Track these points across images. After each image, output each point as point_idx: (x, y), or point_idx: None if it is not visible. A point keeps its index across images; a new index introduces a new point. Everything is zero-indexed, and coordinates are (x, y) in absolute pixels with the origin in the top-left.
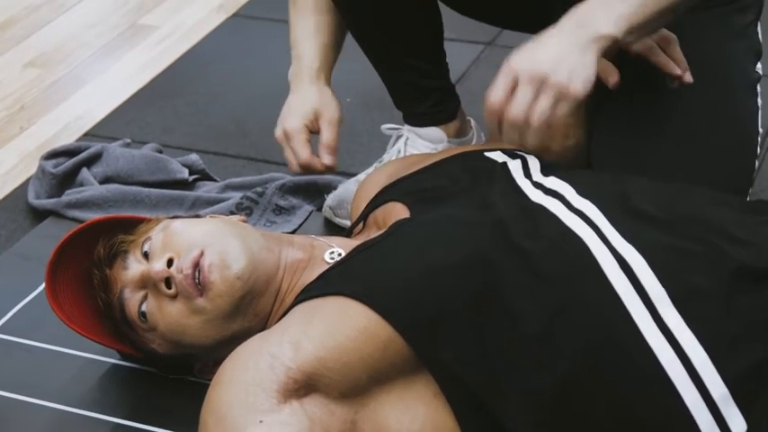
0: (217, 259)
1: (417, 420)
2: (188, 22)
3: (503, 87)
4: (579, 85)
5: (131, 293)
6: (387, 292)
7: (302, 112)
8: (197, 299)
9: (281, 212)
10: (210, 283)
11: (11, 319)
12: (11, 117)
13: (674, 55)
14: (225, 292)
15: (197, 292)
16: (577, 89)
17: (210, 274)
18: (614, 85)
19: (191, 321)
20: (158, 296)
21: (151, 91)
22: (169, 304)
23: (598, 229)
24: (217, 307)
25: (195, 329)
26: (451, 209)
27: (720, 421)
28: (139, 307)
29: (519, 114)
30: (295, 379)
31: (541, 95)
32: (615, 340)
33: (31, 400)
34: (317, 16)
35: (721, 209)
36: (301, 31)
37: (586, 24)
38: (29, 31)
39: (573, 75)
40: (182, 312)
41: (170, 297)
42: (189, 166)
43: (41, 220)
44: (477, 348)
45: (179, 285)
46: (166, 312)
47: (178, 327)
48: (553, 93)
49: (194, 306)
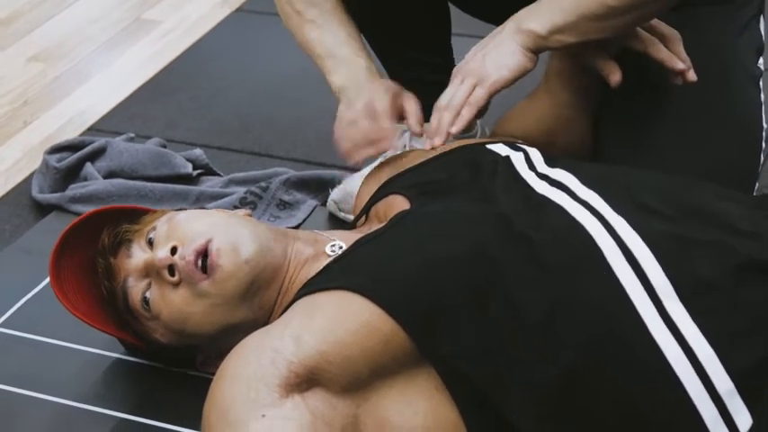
0: (226, 245)
1: (419, 414)
2: (191, 16)
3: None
4: (494, 70)
5: (135, 282)
6: (388, 285)
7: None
8: (201, 282)
9: (285, 207)
10: (218, 266)
11: (15, 314)
12: (14, 112)
13: (677, 52)
14: (232, 275)
15: (200, 276)
16: (491, 75)
17: (219, 258)
18: (616, 83)
19: (194, 308)
20: (162, 284)
21: (155, 86)
22: (172, 292)
23: (604, 220)
24: (222, 290)
25: (198, 316)
26: (453, 202)
27: (726, 416)
28: (143, 295)
29: (443, 102)
30: (297, 373)
31: (463, 84)
32: (619, 333)
33: (34, 395)
34: (345, 27)
35: (727, 202)
36: (333, 40)
37: (514, 20)
38: (32, 26)
39: (490, 63)
40: (185, 299)
41: (173, 285)
42: (193, 161)
43: (45, 215)
44: (480, 341)
45: (182, 271)
46: (169, 300)
47: (181, 315)
48: (472, 80)
49: (198, 290)
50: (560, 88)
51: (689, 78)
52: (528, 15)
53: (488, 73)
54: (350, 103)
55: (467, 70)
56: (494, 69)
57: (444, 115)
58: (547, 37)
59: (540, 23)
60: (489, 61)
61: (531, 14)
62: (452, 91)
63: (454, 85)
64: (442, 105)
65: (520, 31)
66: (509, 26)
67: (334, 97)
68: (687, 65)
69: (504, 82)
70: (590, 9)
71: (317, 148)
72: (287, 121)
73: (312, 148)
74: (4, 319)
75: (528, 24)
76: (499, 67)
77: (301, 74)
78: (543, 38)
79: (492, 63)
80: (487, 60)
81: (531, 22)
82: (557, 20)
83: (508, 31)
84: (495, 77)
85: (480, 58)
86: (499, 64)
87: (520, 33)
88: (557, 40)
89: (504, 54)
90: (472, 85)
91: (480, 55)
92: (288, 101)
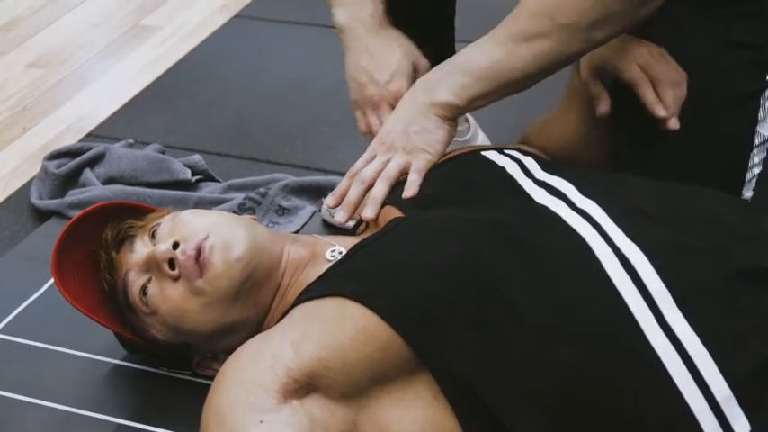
0: (219, 242)
1: (418, 421)
2: (191, 22)
3: (365, 158)
4: (427, 147)
5: (136, 276)
6: (386, 292)
7: (397, 65)
8: (197, 280)
9: (283, 213)
10: (210, 264)
11: (14, 320)
12: (14, 118)
13: (663, 97)
14: (223, 273)
15: (197, 272)
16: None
17: (211, 255)
18: (602, 113)
19: (190, 305)
20: (162, 279)
21: (154, 92)
22: (171, 286)
23: (601, 229)
24: (215, 289)
25: (195, 313)
26: (451, 209)
27: (724, 422)
28: (142, 289)
29: (370, 174)
30: (296, 379)
31: (392, 160)
32: (616, 340)
33: (33, 401)
34: None
35: (726, 208)
36: None
37: (429, 90)
38: (32, 32)
39: (419, 139)
40: (182, 295)
41: (173, 279)
42: (192, 167)
43: (44, 221)
44: (478, 348)
45: (181, 266)
46: (167, 295)
47: (178, 310)
48: (403, 154)
49: (194, 287)
50: (582, 105)
51: (670, 126)
52: (439, 85)
53: (420, 149)
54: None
55: (390, 146)
56: (426, 146)
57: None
58: (465, 107)
59: (456, 94)
60: (417, 138)
61: (443, 84)
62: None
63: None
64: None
65: (434, 105)
66: (421, 98)
67: (332, 103)
68: (669, 113)
69: (439, 156)
70: (510, 78)
71: (316, 154)
72: (286, 127)
73: (311, 154)
74: (2, 325)
75: (442, 97)
76: (430, 142)
77: (300, 80)
78: (461, 108)
79: (420, 140)
80: (414, 138)
81: (445, 95)
82: (473, 91)
83: (424, 104)
84: (430, 152)
85: (402, 135)
86: (429, 140)
87: (435, 107)
88: (475, 106)
89: (431, 130)
90: (404, 159)
91: (401, 133)
92: (287, 107)
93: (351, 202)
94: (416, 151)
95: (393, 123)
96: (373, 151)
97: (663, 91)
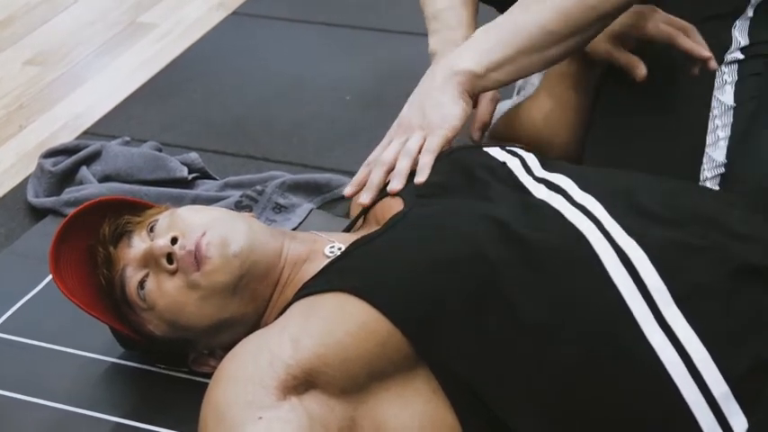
0: (217, 238)
1: (416, 417)
2: (187, 19)
3: (382, 145)
4: (441, 122)
5: (133, 272)
6: (386, 287)
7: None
8: (194, 273)
9: (280, 210)
10: (207, 259)
11: (10, 318)
12: (10, 115)
13: (699, 42)
14: (221, 268)
15: (194, 266)
16: (441, 126)
17: (208, 250)
18: (642, 77)
19: (187, 298)
20: (159, 274)
21: (150, 89)
22: (168, 281)
23: (600, 224)
24: (212, 283)
25: (191, 307)
26: (450, 204)
27: (722, 419)
28: (140, 284)
29: (391, 156)
30: (294, 375)
31: (410, 139)
32: (615, 337)
33: (30, 399)
34: None
35: (725, 206)
36: (445, 3)
37: (446, 63)
38: (28, 29)
39: (434, 115)
40: (179, 289)
41: (170, 273)
42: (188, 165)
43: (40, 219)
44: (477, 344)
45: (179, 260)
46: (165, 290)
47: (175, 304)
48: (420, 133)
49: (191, 281)
50: (565, 89)
51: (711, 67)
52: (459, 56)
53: (436, 125)
54: None
55: (407, 127)
56: (441, 121)
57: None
58: (483, 75)
59: (476, 61)
60: (432, 114)
61: (463, 54)
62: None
63: (398, 142)
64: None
65: (455, 73)
66: (441, 71)
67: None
68: (709, 54)
69: (455, 132)
70: (529, 38)
71: (313, 151)
72: (283, 125)
73: (308, 151)
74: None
75: (462, 64)
76: (445, 117)
77: (297, 77)
78: (479, 77)
79: (436, 115)
80: (429, 114)
81: (465, 62)
82: (493, 55)
83: (442, 76)
84: (446, 128)
85: (418, 112)
86: (444, 115)
87: (456, 76)
88: (492, 79)
89: (446, 105)
90: (421, 137)
91: (417, 109)
92: (284, 104)
93: (374, 183)
94: (432, 127)
95: (411, 101)
96: (390, 137)
97: (695, 36)
